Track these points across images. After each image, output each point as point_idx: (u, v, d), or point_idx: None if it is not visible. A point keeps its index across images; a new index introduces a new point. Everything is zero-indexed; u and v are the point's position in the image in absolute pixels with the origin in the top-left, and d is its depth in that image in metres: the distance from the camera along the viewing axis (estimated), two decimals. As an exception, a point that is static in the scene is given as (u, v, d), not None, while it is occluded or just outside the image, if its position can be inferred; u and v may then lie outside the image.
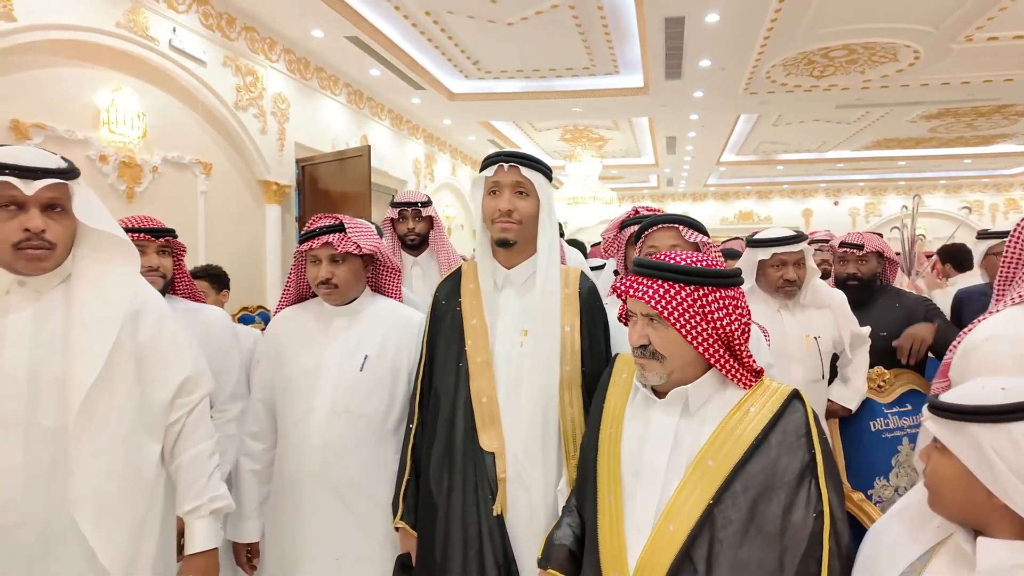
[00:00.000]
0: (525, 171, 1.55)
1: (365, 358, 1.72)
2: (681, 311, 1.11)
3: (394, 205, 2.97)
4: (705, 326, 1.12)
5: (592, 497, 1.23)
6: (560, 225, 4.02)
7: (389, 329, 1.77)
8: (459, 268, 1.73)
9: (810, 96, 7.83)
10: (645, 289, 1.14)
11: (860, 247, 2.63)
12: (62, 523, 1.26)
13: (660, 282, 1.13)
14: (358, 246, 1.71)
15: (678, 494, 1.11)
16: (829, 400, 2.41)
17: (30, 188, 1.23)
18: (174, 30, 4.59)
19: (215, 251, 5.14)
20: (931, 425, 0.95)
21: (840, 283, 2.66)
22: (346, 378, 1.70)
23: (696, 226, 1.71)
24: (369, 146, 6.18)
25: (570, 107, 8.32)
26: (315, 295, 1.85)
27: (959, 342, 1.43)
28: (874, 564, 1.04)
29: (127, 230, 1.84)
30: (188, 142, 4.93)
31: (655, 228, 1.73)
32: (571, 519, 1.33)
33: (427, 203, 2.97)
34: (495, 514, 1.48)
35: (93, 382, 1.27)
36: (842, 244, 2.72)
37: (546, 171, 1.59)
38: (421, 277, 2.87)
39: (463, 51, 6.55)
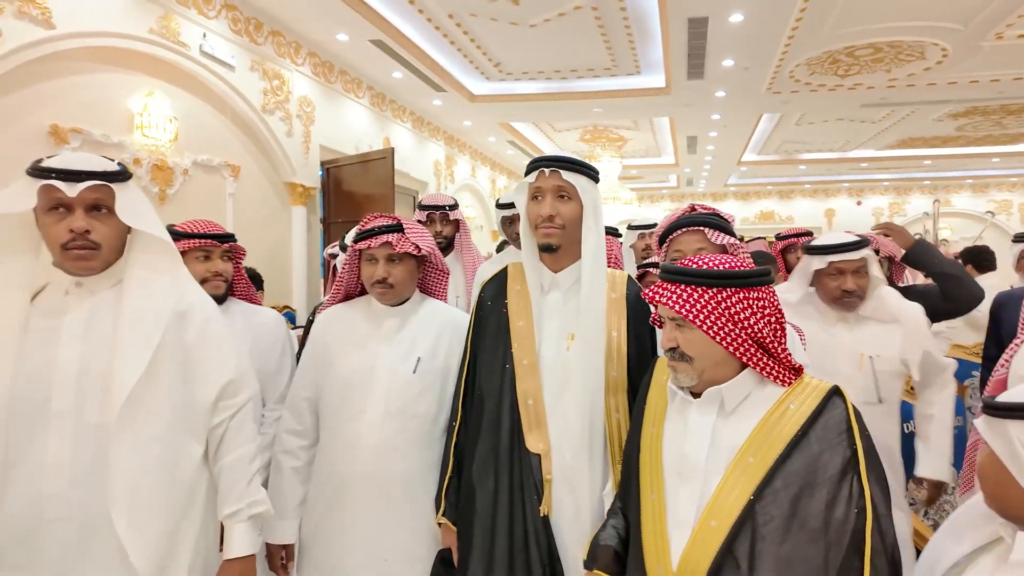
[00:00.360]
0: (566, 175, 1.52)
1: (418, 360, 1.72)
2: (706, 313, 1.13)
3: (422, 208, 2.97)
4: (732, 327, 1.14)
5: (635, 496, 1.25)
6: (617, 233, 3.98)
7: (441, 331, 1.78)
8: (505, 269, 1.72)
9: (834, 95, 7.75)
10: (669, 294, 1.16)
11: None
12: (100, 519, 1.27)
13: (683, 287, 1.16)
14: (417, 247, 1.72)
15: (719, 491, 1.12)
16: (915, 476, 2.14)
17: (72, 190, 1.28)
18: (204, 35, 4.69)
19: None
20: (978, 423, 0.99)
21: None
22: (399, 380, 1.70)
23: (722, 227, 1.66)
24: (392, 148, 6.25)
25: (591, 108, 8.33)
26: (362, 293, 1.86)
27: (1010, 357, 1.42)
28: (934, 561, 1.08)
29: (192, 235, 1.90)
30: (217, 145, 5.03)
31: (680, 232, 1.70)
32: (616, 521, 1.34)
33: (454, 206, 2.97)
34: (541, 515, 1.48)
35: (137, 380, 1.29)
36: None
37: (590, 173, 1.57)
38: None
39: (485, 53, 6.59)
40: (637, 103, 8.02)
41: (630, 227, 3.28)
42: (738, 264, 1.18)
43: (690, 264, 1.19)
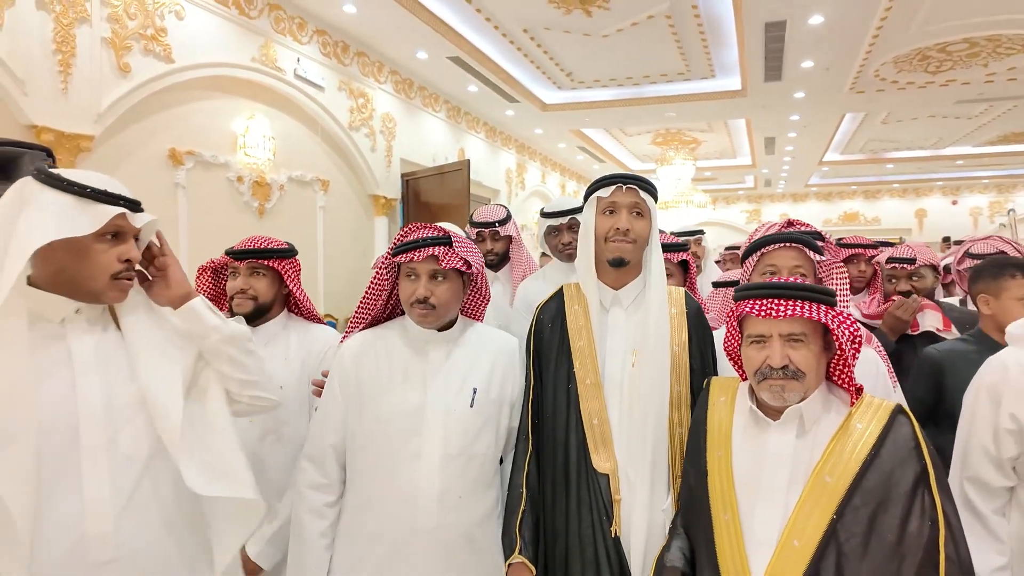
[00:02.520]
0: (643, 193, 1.57)
1: (474, 392, 1.53)
2: (836, 324, 1.18)
3: (473, 224, 2.76)
4: (849, 340, 1.19)
5: (706, 518, 1.26)
6: (683, 247, 3.63)
7: (495, 359, 1.61)
8: (560, 289, 1.71)
9: (924, 92, 7.38)
10: (795, 309, 1.18)
11: (911, 261, 2.34)
12: (147, 558, 1.20)
13: (809, 304, 1.19)
14: (467, 263, 1.52)
15: (799, 510, 1.15)
16: None
17: (139, 221, 1.26)
18: (298, 60, 5.07)
19: (332, 263, 5.61)
20: None
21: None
22: (456, 417, 1.50)
23: (815, 247, 1.62)
24: (468, 160, 6.49)
25: (664, 112, 8.30)
26: (389, 317, 1.67)
27: None
28: None
29: (239, 252, 1.91)
30: (309, 161, 5.41)
31: (775, 247, 1.63)
32: (680, 542, 1.35)
33: (505, 220, 2.70)
34: (613, 535, 1.48)
35: (181, 410, 1.24)
36: (890, 260, 2.43)
37: (656, 194, 1.62)
38: (500, 293, 2.67)
39: (557, 64, 6.73)
40: (711, 106, 7.93)
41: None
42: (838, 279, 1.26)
43: (800, 280, 1.25)
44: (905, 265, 2.36)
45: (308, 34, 5.19)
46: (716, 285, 2.40)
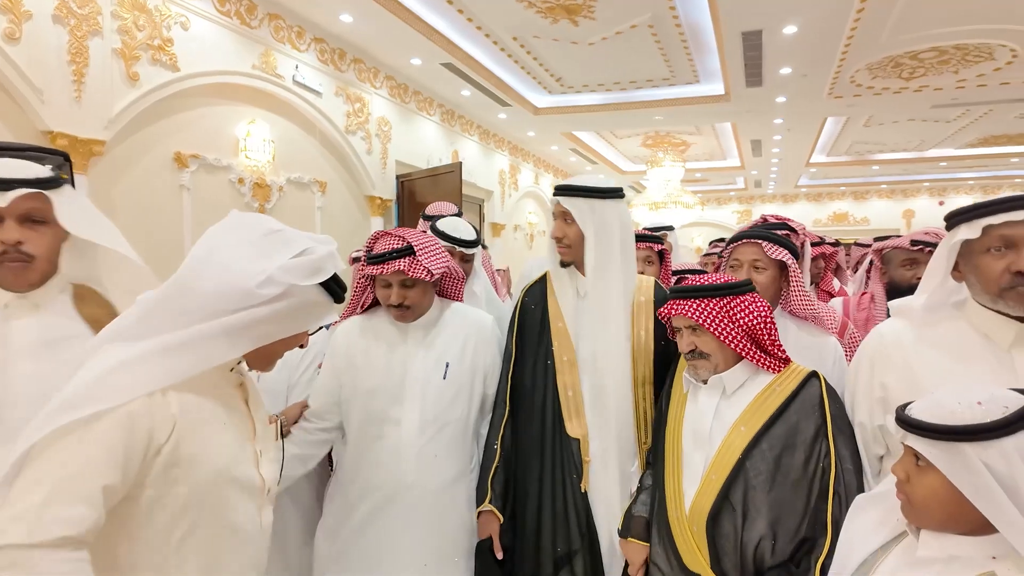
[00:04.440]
0: (564, 202, 1.72)
1: (447, 366, 1.76)
2: (713, 318, 1.45)
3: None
4: (732, 326, 1.46)
5: (661, 460, 1.56)
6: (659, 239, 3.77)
7: (467, 335, 1.82)
8: (544, 275, 1.90)
9: (900, 98, 7.65)
10: (684, 308, 1.48)
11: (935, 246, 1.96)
12: None
13: (694, 301, 1.48)
14: (429, 272, 1.67)
15: (718, 452, 1.44)
16: None
17: (4, 200, 1.21)
18: (296, 67, 5.30)
19: (328, 259, 5.83)
20: (919, 445, 0.93)
21: (907, 290, 2.16)
22: (433, 387, 1.74)
23: (779, 241, 1.78)
24: (460, 162, 6.73)
25: (651, 116, 8.55)
26: (377, 303, 1.85)
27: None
28: (849, 546, 1.12)
29: None
30: (307, 164, 5.65)
31: (740, 243, 1.86)
32: (645, 496, 1.62)
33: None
34: (582, 491, 1.71)
35: None
36: (915, 242, 2.30)
37: (591, 194, 1.70)
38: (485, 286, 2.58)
39: (547, 70, 6.97)
40: (697, 110, 8.18)
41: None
42: (724, 278, 1.51)
43: (695, 282, 1.52)
44: (930, 249, 2.12)
45: (306, 42, 5.43)
46: (675, 273, 2.66)
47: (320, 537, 1.80)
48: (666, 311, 1.53)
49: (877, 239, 2.73)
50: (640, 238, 2.41)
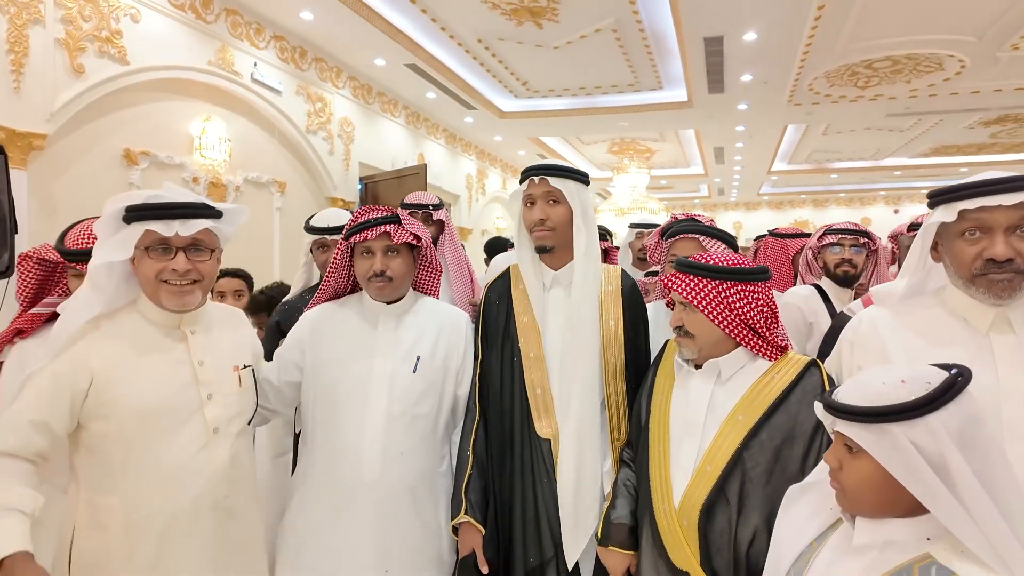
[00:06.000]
0: (554, 181, 1.64)
1: (418, 359, 1.67)
2: (707, 300, 1.36)
3: (404, 206, 2.80)
4: (728, 312, 1.36)
5: (645, 450, 1.45)
6: (609, 233, 4.02)
7: (440, 329, 1.74)
8: (508, 270, 1.82)
9: (856, 106, 7.86)
10: (679, 283, 1.39)
11: None
12: None
13: (692, 277, 1.39)
14: (416, 236, 1.67)
15: (714, 442, 1.33)
16: None
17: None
18: (255, 64, 5.17)
19: (289, 262, 5.69)
20: (849, 430, 0.90)
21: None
22: (401, 381, 1.64)
23: (715, 234, 1.83)
24: (425, 164, 6.66)
25: (616, 122, 8.61)
26: (351, 292, 1.80)
27: None
28: (782, 542, 1.08)
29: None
30: (266, 163, 5.50)
31: (679, 238, 1.88)
32: (623, 500, 1.50)
33: (438, 206, 2.85)
34: (555, 494, 1.59)
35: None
36: (913, 227, 2.37)
37: (577, 177, 1.67)
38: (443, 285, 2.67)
39: (512, 73, 6.96)
40: (661, 116, 8.27)
41: (631, 225, 3.31)
42: (740, 262, 1.40)
43: (700, 259, 1.42)
44: None
45: (265, 39, 5.31)
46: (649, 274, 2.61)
47: (279, 537, 1.68)
48: (666, 281, 1.44)
49: (832, 231, 2.68)
50: None
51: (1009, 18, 5.28)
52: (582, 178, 1.69)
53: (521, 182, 1.72)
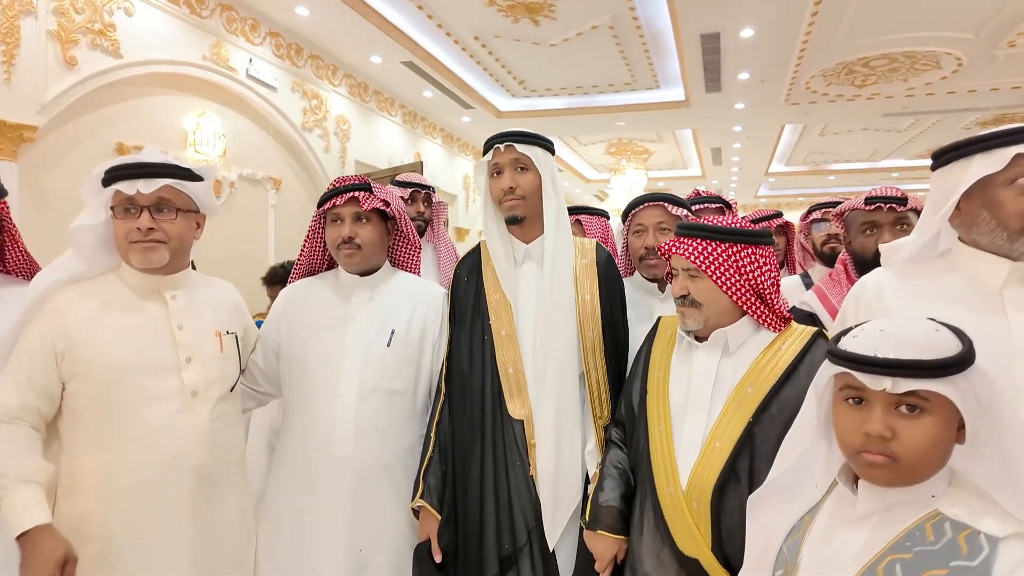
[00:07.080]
0: (521, 147, 1.57)
1: (392, 333, 1.63)
2: (716, 264, 1.28)
3: (401, 184, 2.77)
4: (738, 278, 1.29)
5: (643, 431, 1.37)
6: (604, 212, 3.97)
7: (415, 303, 1.69)
8: (478, 246, 1.74)
9: (853, 105, 7.85)
10: (685, 247, 1.30)
11: (903, 201, 1.76)
12: None
13: (699, 240, 1.30)
14: (385, 203, 1.63)
15: (721, 417, 1.26)
16: None
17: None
18: (250, 60, 5.15)
19: (283, 259, 5.65)
20: (927, 385, 0.82)
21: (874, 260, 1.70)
22: (374, 355, 1.60)
23: (679, 202, 1.77)
24: (421, 162, 6.63)
25: (614, 121, 8.60)
26: (328, 268, 1.77)
27: None
28: (763, 540, 1.05)
29: None
30: (261, 160, 5.47)
31: (641, 207, 1.79)
32: (612, 481, 1.42)
33: (434, 190, 2.87)
34: (529, 478, 1.52)
35: None
36: (869, 200, 1.81)
37: (543, 143, 1.62)
38: (430, 261, 2.74)
39: (509, 72, 6.95)
40: (658, 116, 8.26)
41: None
42: (746, 223, 1.33)
43: (705, 221, 1.34)
44: (895, 206, 1.78)
45: (261, 35, 5.29)
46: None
47: (259, 512, 1.64)
48: (667, 247, 1.35)
49: (817, 207, 2.59)
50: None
51: (1006, 14, 5.27)
52: (548, 145, 1.64)
53: (485, 153, 1.65)
